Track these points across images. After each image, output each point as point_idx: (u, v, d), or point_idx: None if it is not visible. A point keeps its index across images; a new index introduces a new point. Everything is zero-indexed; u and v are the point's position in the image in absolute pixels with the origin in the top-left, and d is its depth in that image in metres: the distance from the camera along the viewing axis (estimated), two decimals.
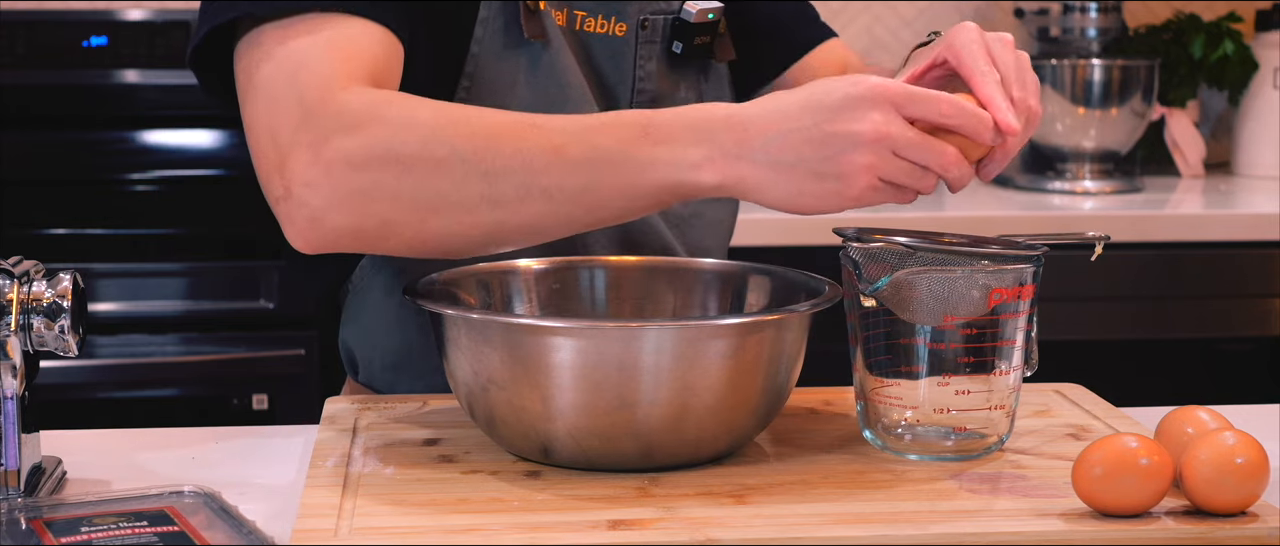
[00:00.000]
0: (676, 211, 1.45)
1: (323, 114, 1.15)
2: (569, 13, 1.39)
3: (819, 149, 1.11)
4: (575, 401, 1.11)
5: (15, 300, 1.11)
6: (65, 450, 1.23)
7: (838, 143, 1.11)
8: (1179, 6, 3.22)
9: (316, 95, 1.16)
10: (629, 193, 1.15)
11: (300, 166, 1.15)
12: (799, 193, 1.13)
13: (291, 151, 1.15)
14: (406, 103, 1.16)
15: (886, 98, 1.11)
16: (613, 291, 1.33)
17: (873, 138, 1.10)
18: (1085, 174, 2.99)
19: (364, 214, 1.15)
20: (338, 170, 1.14)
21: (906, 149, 1.12)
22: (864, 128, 1.11)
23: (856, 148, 1.11)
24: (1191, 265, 2.68)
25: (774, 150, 1.12)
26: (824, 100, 1.12)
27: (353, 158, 1.14)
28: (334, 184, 1.14)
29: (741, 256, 1.41)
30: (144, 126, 2.91)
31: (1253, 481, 1.05)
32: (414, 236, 1.16)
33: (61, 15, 2.86)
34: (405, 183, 1.14)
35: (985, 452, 1.19)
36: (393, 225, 1.15)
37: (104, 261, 2.54)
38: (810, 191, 1.12)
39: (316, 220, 1.15)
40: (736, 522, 1.05)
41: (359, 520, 1.05)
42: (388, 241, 1.17)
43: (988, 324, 1.16)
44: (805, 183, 1.12)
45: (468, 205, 1.14)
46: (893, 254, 1.15)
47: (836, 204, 1.13)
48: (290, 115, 1.16)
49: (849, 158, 1.11)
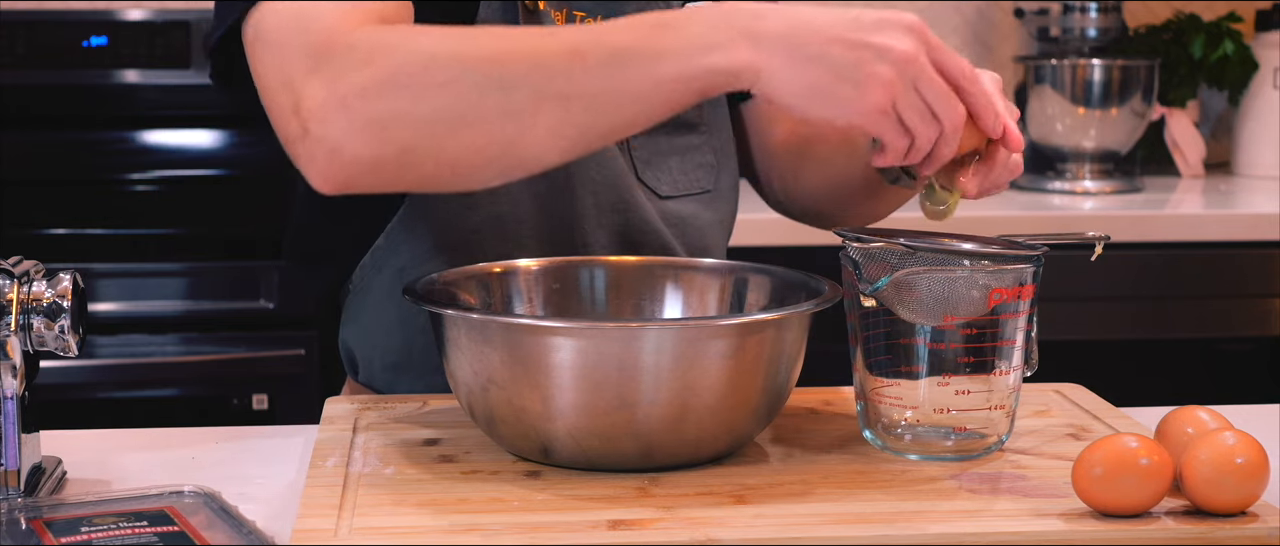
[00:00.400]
0: (674, 211, 1.45)
1: (334, 53, 1.14)
2: (568, 13, 1.39)
3: (847, 51, 1.10)
4: (575, 401, 1.11)
5: (15, 300, 1.11)
6: (65, 450, 1.23)
7: (868, 50, 1.10)
8: (1179, 6, 3.22)
9: (325, 38, 1.15)
10: (646, 87, 1.12)
11: (315, 103, 1.13)
12: (813, 88, 1.11)
13: (306, 91, 1.14)
14: (415, 31, 1.16)
15: (923, 34, 1.12)
16: (613, 291, 1.33)
17: (902, 58, 1.10)
18: (1085, 174, 2.99)
19: (382, 141, 1.13)
20: (353, 101, 1.12)
21: (927, 85, 1.11)
22: (897, 46, 1.10)
23: (884, 61, 1.10)
24: (1191, 265, 2.68)
25: (799, 40, 1.11)
26: (862, 16, 1.12)
27: (367, 87, 1.12)
28: (350, 115, 1.12)
29: (741, 256, 1.41)
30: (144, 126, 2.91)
31: (1253, 481, 1.05)
32: (434, 161, 1.14)
33: (61, 15, 2.86)
34: (421, 104, 1.12)
35: (985, 452, 1.19)
36: (412, 150, 1.13)
37: (104, 261, 2.54)
38: (825, 90, 1.10)
39: (336, 153, 1.13)
40: (736, 522, 1.05)
41: (359, 520, 1.05)
42: (408, 171, 1.15)
43: (988, 324, 1.16)
44: (823, 79, 1.10)
45: (485, 119, 1.12)
46: (893, 254, 1.15)
47: (846, 110, 1.11)
48: (302, 59, 1.15)
49: (873, 68, 1.10)
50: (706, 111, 1.48)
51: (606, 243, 1.41)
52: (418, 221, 1.38)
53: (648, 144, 1.45)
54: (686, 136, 1.47)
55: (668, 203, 1.45)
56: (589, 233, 1.40)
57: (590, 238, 1.40)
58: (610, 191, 1.40)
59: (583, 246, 1.40)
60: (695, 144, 1.47)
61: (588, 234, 1.40)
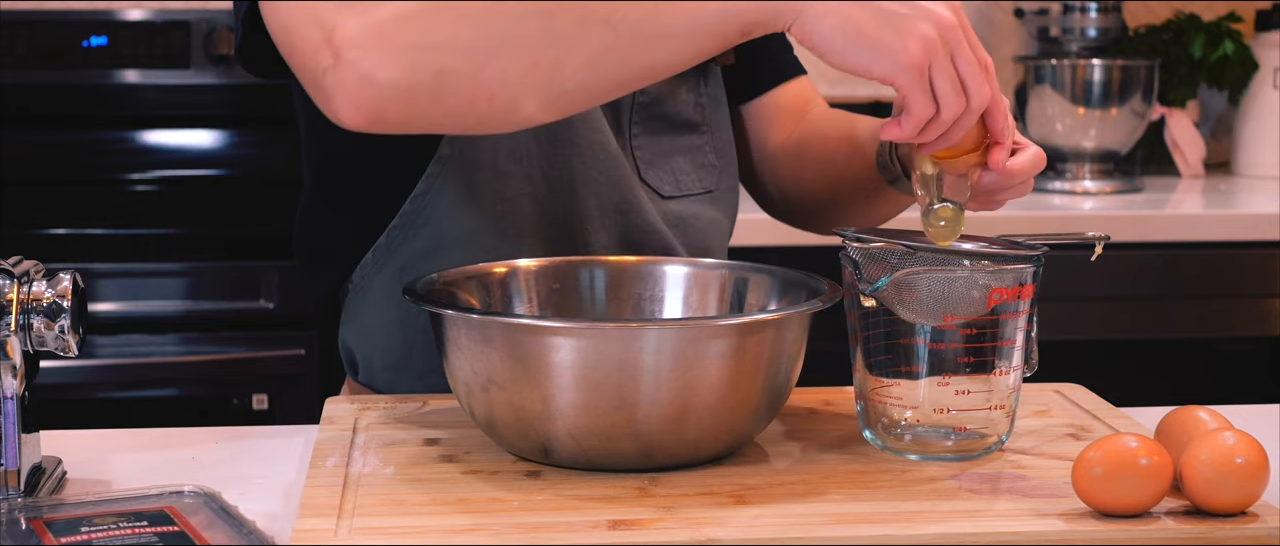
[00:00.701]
0: (676, 211, 1.46)
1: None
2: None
3: (893, 2, 1.11)
4: (575, 401, 1.11)
5: (15, 300, 1.11)
6: (65, 450, 1.23)
7: (915, 8, 1.11)
8: (1179, 6, 3.22)
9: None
10: (691, 21, 1.11)
11: (350, 30, 1.11)
12: (857, 32, 1.10)
13: (339, 20, 1.11)
14: None
15: (961, 14, 1.14)
16: (613, 291, 1.33)
17: (946, 23, 1.11)
18: (1085, 174, 2.99)
19: (418, 66, 1.10)
20: (389, 26, 1.10)
21: (963, 56, 1.12)
22: (943, 11, 1.12)
23: (929, 20, 1.11)
24: (1191, 265, 2.68)
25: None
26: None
27: (405, 11, 1.10)
28: (386, 40, 1.10)
29: (741, 256, 1.41)
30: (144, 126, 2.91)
31: (1253, 481, 1.05)
32: (470, 86, 1.11)
33: (61, 15, 2.86)
34: (462, 28, 1.10)
35: (985, 452, 1.19)
36: (448, 75, 1.10)
37: (104, 261, 2.54)
38: (868, 35, 1.10)
39: (367, 79, 1.10)
40: (736, 522, 1.05)
41: (359, 520, 1.05)
42: (443, 99, 1.12)
43: (988, 324, 1.16)
44: (867, 24, 1.11)
45: (527, 43, 1.10)
46: (893, 254, 1.15)
47: (884, 60, 1.11)
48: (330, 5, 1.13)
49: (918, 25, 1.11)
50: (708, 111, 1.48)
51: (608, 243, 1.41)
52: (418, 221, 1.38)
53: (650, 144, 1.45)
54: (688, 136, 1.47)
55: (670, 203, 1.46)
56: (591, 233, 1.40)
57: (592, 238, 1.40)
58: (613, 192, 1.40)
59: (584, 247, 1.40)
60: (697, 144, 1.47)
61: (590, 235, 1.40)
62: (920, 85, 1.12)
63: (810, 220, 1.55)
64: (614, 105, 1.42)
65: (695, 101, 1.46)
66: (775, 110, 1.55)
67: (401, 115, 1.13)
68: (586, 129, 1.39)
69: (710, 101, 1.48)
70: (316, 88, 1.14)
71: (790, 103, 1.55)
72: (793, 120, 1.54)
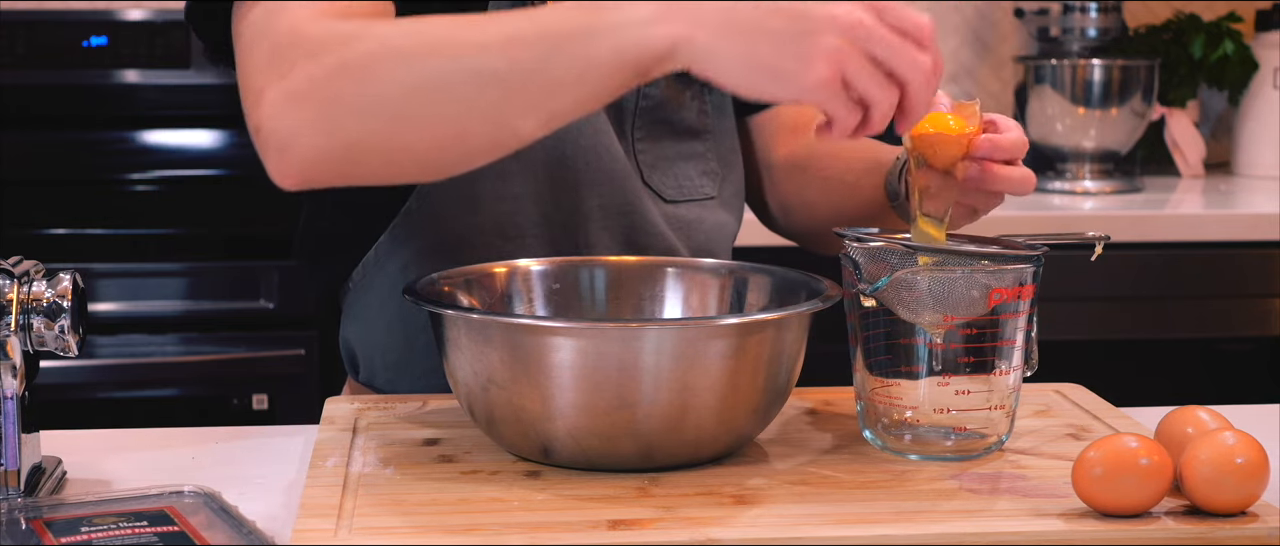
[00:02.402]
0: (680, 215, 1.45)
1: (289, 47, 1.14)
2: None
3: (787, 21, 1.04)
4: (575, 401, 1.11)
5: (15, 300, 1.11)
6: (65, 450, 1.23)
7: (809, 20, 1.04)
8: (1179, 6, 3.22)
9: (287, 35, 1.15)
10: (583, 65, 1.08)
11: (269, 98, 1.14)
12: (753, 64, 1.05)
13: (265, 85, 1.14)
14: (369, 24, 1.14)
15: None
16: (613, 291, 1.33)
17: (848, 24, 1.04)
18: (1085, 174, 2.99)
19: (330, 134, 1.12)
20: (301, 93, 1.12)
21: (880, 45, 1.04)
22: (840, 12, 1.04)
23: (827, 30, 1.04)
24: (1191, 265, 2.68)
25: (738, 15, 1.05)
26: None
27: (313, 77, 1.12)
28: (299, 107, 1.12)
29: (741, 256, 1.41)
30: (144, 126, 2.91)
31: (1253, 481, 1.05)
32: (383, 154, 1.13)
33: (61, 15, 2.86)
34: (366, 93, 1.11)
35: (985, 452, 1.19)
36: (360, 143, 1.12)
37: (104, 261, 2.54)
38: (767, 66, 1.05)
39: (286, 147, 1.13)
40: (736, 522, 1.05)
41: (359, 520, 1.05)
42: (360, 164, 1.14)
43: (988, 324, 1.16)
44: (763, 52, 1.05)
45: (428, 111, 1.11)
46: (893, 254, 1.15)
47: (789, 87, 1.05)
48: (262, 55, 1.16)
49: (817, 40, 1.04)
50: (710, 120, 1.47)
51: (610, 244, 1.41)
52: (420, 220, 1.38)
53: (653, 148, 1.44)
54: (690, 143, 1.46)
55: (673, 206, 1.45)
56: (593, 234, 1.40)
57: (594, 239, 1.40)
58: (616, 194, 1.40)
59: (587, 247, 1.40)
60: (699, 151, 1.47)
61: (592, 235, 1.40)
62: (836, 99, 1.06)
63: (813, 238, 1.54)
64: (617, 108, 1.42)
65: (698, 108, 1.46)
66: (779, 124, 1.55)
67: (326, 178, 1.15)
68: (589, 130, 1.39)
69: (714, 109, 1.47)
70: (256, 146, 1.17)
71: (795, 118, 1.54)
72: (797, 135, 1.54)
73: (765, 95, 1.07)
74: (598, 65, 1.08)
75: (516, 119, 1.11)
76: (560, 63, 1.09)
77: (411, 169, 1.15)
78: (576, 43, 1.08)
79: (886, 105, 1.06)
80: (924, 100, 1.07)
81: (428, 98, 1.10)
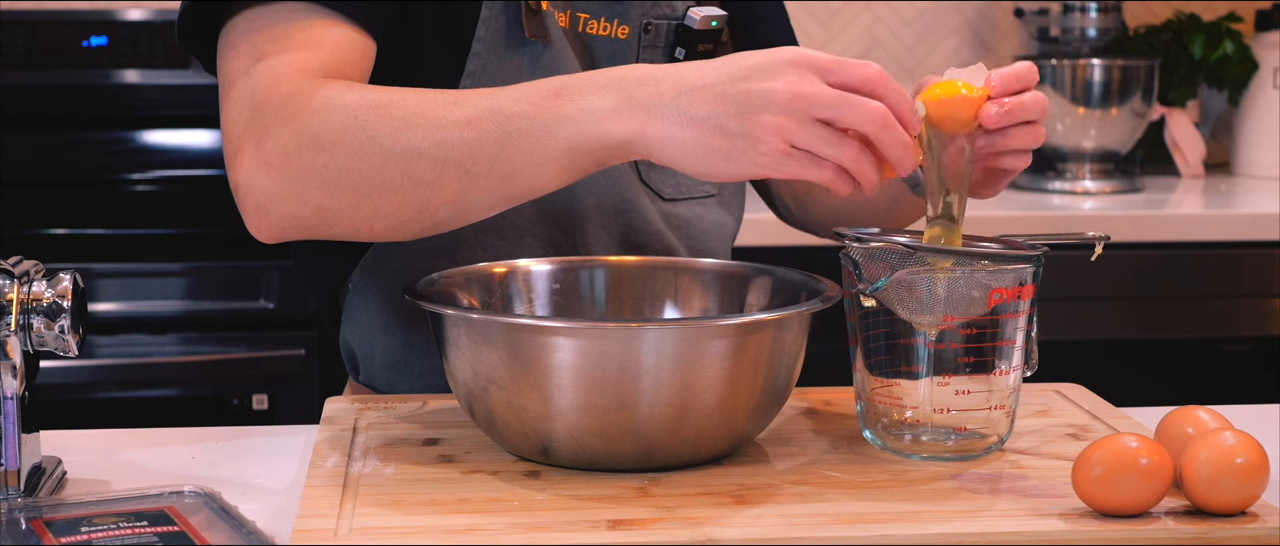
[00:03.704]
0: (678, 213, 1.45)
1: (266, 107, 1.19)
2: (572, 14, 1.39)
3: (730, 105, 1.09)
4: (575, 401, 1.11)
5: (15, 300, 1.11)
6: (65, 450, 1.23)
7: (750, 100, 1.08)
8: (1179, 6, 3.22)
9: (264, 92, 1.20)
10: (541, 155, 1.13)
11: (245, 160, 1.19)
12: (707, 150, 1.10)
13: (240, 147, 1.20)
14: (336, 90, 1.18)
15: (807, 62, 1.09)
16: (613, 291, 1.33)
17: (786, 97, 1.08)
18: (1085, 174, 2.99)
19: (301, 201, 1.18)
20: (275, 161, 1.18)
21: (823, 108, 1.08)
22: (778, 86, 1.08)
23: (768, 106, 1.08)
24: (1191, 265, 2.68)
25: (686, 104, 1.10)
26: (743, 61, 1.10)
27: (286, 147, 1.17)
28: (272, 175, 1.18)
29: (741, 256, 1.41)
30: (144, 126, 2.91)
31: (1253, 481, 1.05)
32: (350, 220, 1.19)
33: (61, 15, 2.86)
34: (332, 168, 1.16)
35: (985, 452, 1.19)
36: (328, 210, 1.18)
37: (104, 261, 2.54)
38: (718, 149, 1.09)
39: (263, 210, 1.20)
40: (736, 522, 1.05)
41: (359, 520, 1.05)
42: (331, 227, 1.20)
43: (988, 324, 1.16)
44: (713, 139, 1.09)
45: (391, 187, 1.16)
46: (893, 254, 1.15)
47: (745, 167, 1.10)
48: (243, 111, 1.21)
49: (759, 117, 1.08)
50: None
51: (608, 243, 1.41)
52: None
53: None
54: None
55: (671, 204, 1.45)
56: (591, 234, 1.40)
57: (592, 239, 1.40)
58: (613, 193, 1.40)
59: (584, 247, 1.40)
60: None
61: (589, 234, 1.40)
62: (795, 164, 1.09)
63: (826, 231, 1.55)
64: None
65: None
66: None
67: (302, 236, 1.21)
68: None
69: None
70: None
71: None
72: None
73: (723, 177, 1.11)
74: (555, 157, 1.14)
75: (478, 200, 1.17)
76: (518, 154, 1.14)
77: (382, 232, 1.20)
78: (533, 136, 1.13)
79: (850, 154, 1.09)
80: (889, 141, 1.10)
81: (391, 178, 1.16)
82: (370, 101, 1.17)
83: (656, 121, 1.11)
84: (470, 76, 1.34)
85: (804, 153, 1.09)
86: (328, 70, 1.23)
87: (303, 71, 1.21)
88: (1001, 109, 1.17)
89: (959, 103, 1.17)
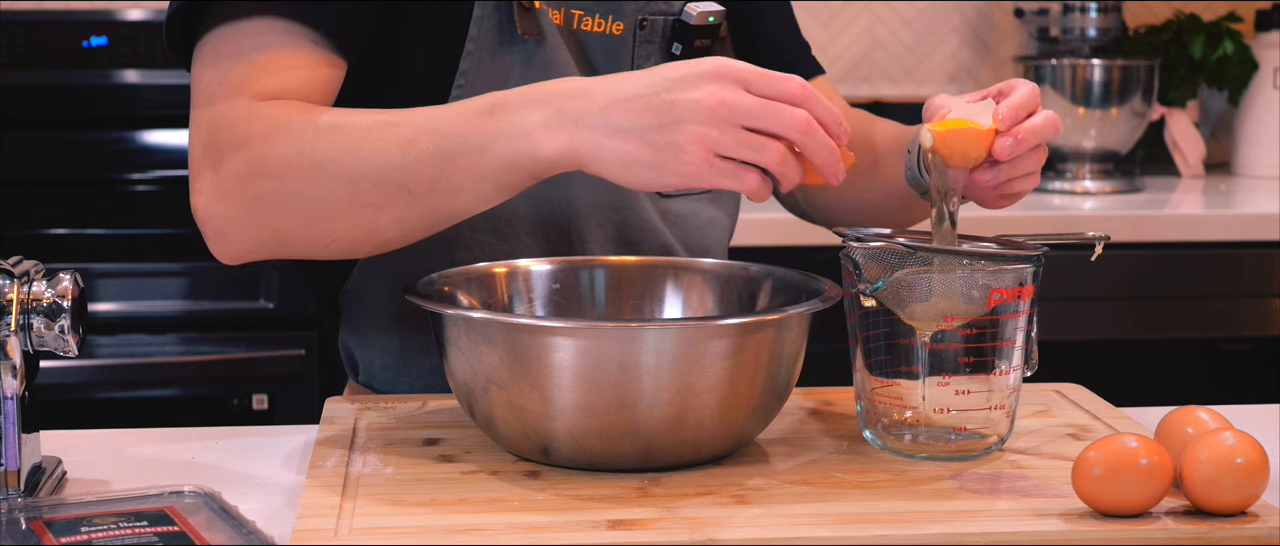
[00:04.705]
0: (674, 209, 1.45)
1: (221, 134, 1.23)
2: (566, 11, 1.39)
3: (655, 116, 1.10)
4: (575, 401, 1.11)
5: (15, 300, 1.11)
6: (65, 450, 1.23)
7: (674, 110, 1.10)
8: (1179, 6, 3.22)
9: (222, 117, 1.24)
10: (478, 172, 1.16)
11: (203, 186, 1.24)
12: (632, 160, 1.12)
13: (199, 173, 1.25)
14: (286, 116, 1.21)
15: (731, 73, 1.11)
16: (613, 291, 1.33)
17: (709, 106, 1.09)
18: (1085, 174, 2.99)
19: (257, 226, 1.22)
20: (229, 188, 1.22)
21: (747, 116, 1.10)
22: (700, 95, 1.10)
23: (692, 117, 1.10)
24: (1191, 265, 2.68)
25: (612, 115, 1.12)
26: (668, 73, 1.12)
27: (239, 174, 1.21)
28: (227, 202, 1.22)
29: (741, 256, 1.41)
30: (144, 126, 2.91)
31: (1253, 481, 1.05)
32: (306, 242, 1.22)
33: (61, 15, 2.86)
34: (283, 194, 1.20)
35: (985, 452, 1.19)
36: (284, 234, 1.22)
37: (104, 261, 2.54)
38: (642, 159, 1.11)
39: (221, 234, 1.24)
40: (736, 522, 1.05)
41: (359, 520, 1.05)
42: (288, 248, 1.23)
43: (988, 324, 1.16)
44: (638, 150, 1.11)
45: (340, 210, 1.19)
46: (893, 254, 1.15)
47: (670, 177, 1.11)
48: (202, 136, 1.26)
49: (683, 127, 1.10)
50: None
51: (604, 240, 1.41)
52: None
53: None
54: None
55: (667, 201, 1.45)
56: (586, 230, 1.40)
57: (588, 235, 1.40)
58: (609, 189, 1.40)
59: (580, 244, 1.40)
60: None
61: (585, 231, 1.40)
62: (720, 175, 1.11)
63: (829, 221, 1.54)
64: None
65: None
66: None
67: (262, 257, 1.25)
68: None
69: None
70: None
71: None
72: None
73: (650, 187, 1.13)
74: (492, 174, 1.16)
75: (423, 218, 1.20)
76: (456, 173, 1.16)
77: (339, 252, 1.23)
78: (470, 155, 1.16)
79: (774, 159, 1.11)
80: (814, 146, 1.12)
81: (340, 201, 1.19)
82: (317, 126, 1.20)
83: (585, 134, 1.13)
84: (464, 75, 1.34)
85: (728, 163, 1.11)
86: (288, 94, 1.25)
87: (260, 97, 1.24)
88: (1015, 140, 1.21)
89: (969, 138, 1.19)
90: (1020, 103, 1.21)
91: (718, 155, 1.10)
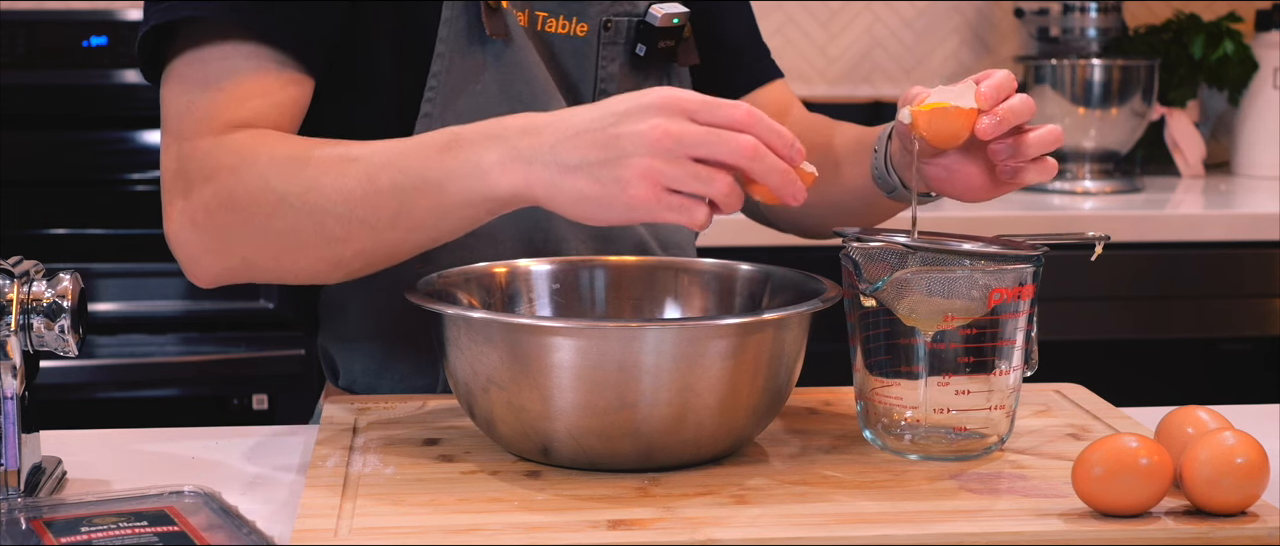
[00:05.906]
0: None
1: (189, 163, 1.24)
2: (530, 13, 1.39)
3: (601, 151, 1.10)
4: (575, 401, 1.11)
5: (15, 300, 1.11)
6: (65, 450, 1.23)
7: (619, 145, 1.10)
8: (1179, 6, 3.22)
9: (190, 145, 1.25)
10: (438, 209, 1.17)
11: (174, 213, 1.25)
12: (581, 196, 1.11)
13: (170, 199, 1.26)
14: (252, 147, 1.22)
15: (675, 104, 1.10)
16: (613, 291, 1.34)
17: (653, 138, 1.09)
18: (1085, 174, 2.99)
19: (226, 255, 1.24)
20: (199, 218, 1.24)
21: (693, 145, 1.09)
22: (644, 128, 1.09)
23: (638, 150, 1.09)
24: (1191, 265, 2.68)
25: (562, 152, 1.12)
26: (614, 106, 1.11)
27: (208, 205, 1.23)
28: (197, 231, 1.24)
29: (742, 256, 1.41)
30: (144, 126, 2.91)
31: (1253, 481, 1.05)
32: (275, 270, 1.24)
33: (61, 15, 2.86)
34: (250, 227, 1.21)
35: (985, 452, 1.19)
36: (253, 263, 1.24)
37: (104, 261, 2.54)
38: (591, 195, 1.11)
39: (194, 260, 1.26)
40: (736, 522, 1.05)
41: (359, 520, 1.05)
42: (259, 275, 1.26)
43: (988, 324, 1.16)
44: (587, 186, 1.11)
45: (305, 242, 1.21)
46: (893, 254, 1.15)
47: (617, 211, 1.11)
48: (172, 162, 1.26)
49: (630, 161, 1.09)
50: None
51: (580, 237, 1.41)
52: None
53: None
54: None
55: None
56: (561, 227, 1.40)
57: (563, 233, 1.40)
58: None
59: (556, 241, 1.40)
60: None
61: (560, 229, 1.40)
62: (668, 209, 1.10)
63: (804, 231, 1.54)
64: (577, 102, 1.42)
65: None
66: None
67: (236, 281, 1.27)
68: None
69: None
70: None
71: (765, 108, 1.54)
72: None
73: (600, 222, 1.13)
74: (451, 210, 1.17)
75: (387, 251, 1.22)
76: (417, 210, 1.18)
77: (307, 279, 1.26)
78: (429, 193, 1.17)
79: (721, 189, 1.10)
80: (765, 170, 1.11)
81: (305, 234, 1.20)
82: (282, 157, 1.21)
83: (537, 171, 1.13)
84: (435, 76, 1.34)
85: (676, 198, 1.10)
86: (257, 121, 1.25)
87: (228, 126, 1.25)
88: (995, 119, 1.21)
89: (951, 117, 1.19)
90: (1000, 83, 1.21)
91: (666, 189, 1.10)
